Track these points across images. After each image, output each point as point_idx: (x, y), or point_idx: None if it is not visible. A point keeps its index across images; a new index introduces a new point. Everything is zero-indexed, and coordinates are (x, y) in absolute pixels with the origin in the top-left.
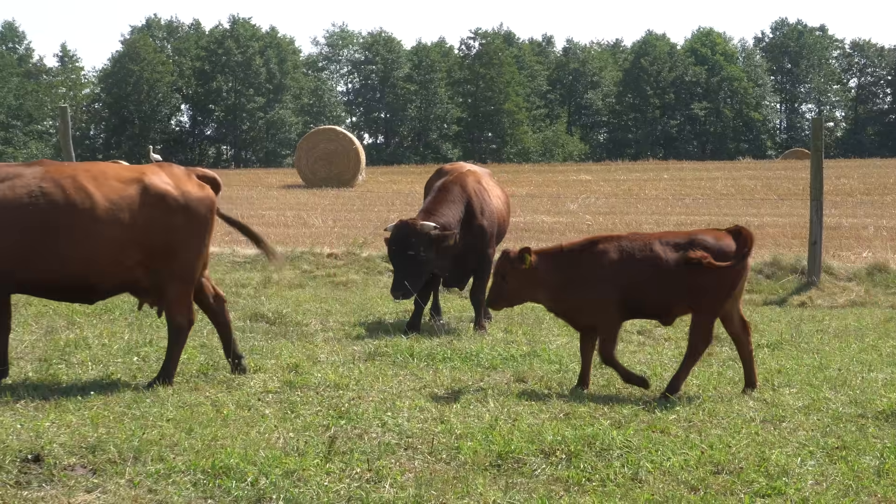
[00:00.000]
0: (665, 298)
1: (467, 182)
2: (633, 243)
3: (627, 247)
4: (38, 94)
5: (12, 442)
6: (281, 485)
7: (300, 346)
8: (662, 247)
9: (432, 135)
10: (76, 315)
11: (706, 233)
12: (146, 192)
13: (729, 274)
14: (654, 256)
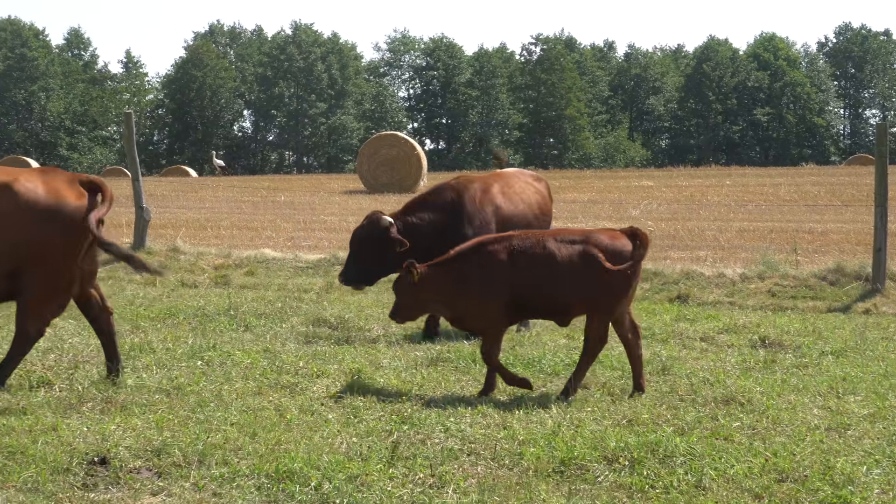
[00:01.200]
0: (561, 298)
1: (465, 190)
2: (525, 242)
3: (519, 246)
4: (103, 100)
5: (79, 444)
6: (344, 489)
7: (363, 351)
8: (556, 245)
9: (494, 140)
10: (141, 319)
11: (601, 232)
12: (14, 197)
13: (625, 274)
14: (547, 255)
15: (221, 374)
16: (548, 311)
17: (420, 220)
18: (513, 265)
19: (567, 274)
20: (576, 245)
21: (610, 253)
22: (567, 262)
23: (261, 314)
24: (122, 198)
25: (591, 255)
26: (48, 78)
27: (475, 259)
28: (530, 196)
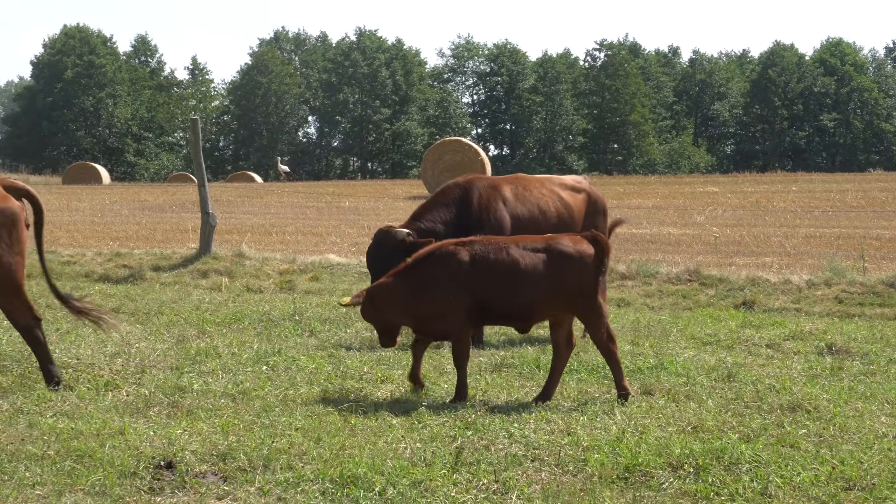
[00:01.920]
0: (522, 304)
1: (473, 186)
2: (486, 248)
3: (479, 251)
4: (170, 106)
5: (146, 448)
6: (408, 495)
7: (427, 356)
8: (518, 251)
9: (558, 146)
10: (207, 325)
11: (563, 237)
12: None
13: (592, 275)
14: (508, 261)
15: (286, 379)
16: (509, 317)
17: (432, 223)
18: (472, 270)
19: (529, 280)
20: (538, 251)
21: (572, 258)
22: (529, 268)
23: (325, 319)
24: (188, 203)
25: (553, 259)
26: (115, 84)
27: (432, 265)
28: (548, 203)
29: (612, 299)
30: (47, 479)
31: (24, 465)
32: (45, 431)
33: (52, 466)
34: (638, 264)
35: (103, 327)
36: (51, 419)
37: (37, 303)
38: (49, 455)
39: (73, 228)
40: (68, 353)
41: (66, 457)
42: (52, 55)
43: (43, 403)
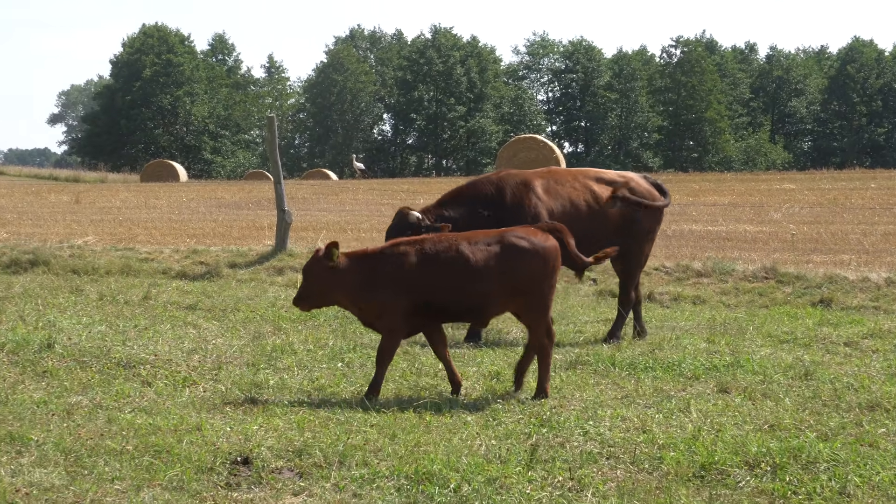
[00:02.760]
0: (475, 299)
1: (505, 182)
2: (438, 245)
3: (431, 249)
4: (246, 104)
5: (222, 444)
6: (483, 492)
7: (501, 353)
8: (469, 247)
9: (633, 143)
10: (282, 321)
11: (518, 230)
12: None
13: (546, 268)
14: (459, 258)
15: (362, 376)
16: (464, 314)
17: (456, 215)
18: (423, 268)
19: (481, 275)
20: (490, 246)
21: (525, 251)
22: (481, 264)
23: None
24: (263, 201)
25: (507, 254)
26: (193, 83)
27: (386, 260)
28: (579, 197)
29: (687, 297)
30: (126, 473)
31: (103, 459)
32: (124, 427)
33: (130, 461)
34: (714, 262)
35: None
36: (129, 415)
37: (115, 300)
38: (127, 450)
39: (151, 226)
40: (146, 350)
41: (145, 452)
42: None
43: (122, 399)
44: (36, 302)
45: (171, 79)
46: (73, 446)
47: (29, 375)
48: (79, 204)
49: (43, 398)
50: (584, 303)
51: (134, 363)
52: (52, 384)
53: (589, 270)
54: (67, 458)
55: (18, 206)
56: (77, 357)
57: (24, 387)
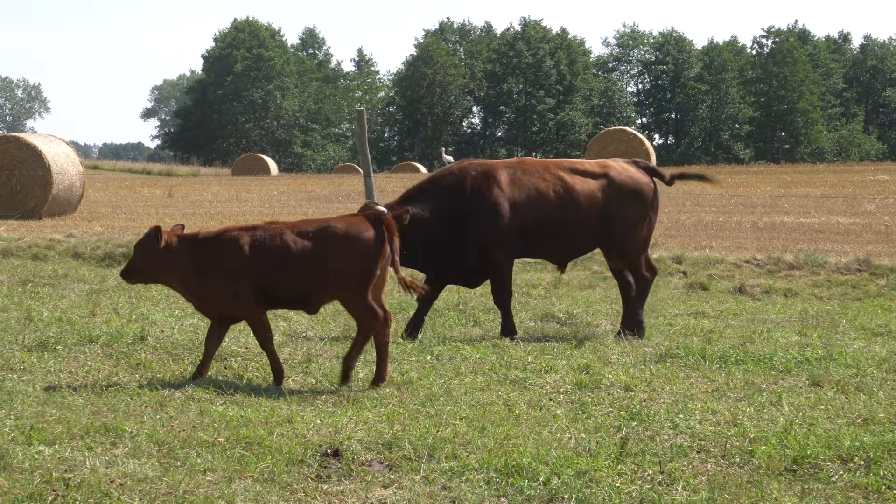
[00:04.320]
0: (301, 286)
1: (466, 173)
2: (265, 233)
3: (260, 236)
4: (336, 97)
5: (313, 437)
6: (573, 485)
7: (591, 346)
8: (293, 236)
9: (724, 135)
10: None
11: (340, 219)
12: None
13: (368, 256)
14: (285, 245)
15: (451, 369)
16: (292, 301)
17: (419, 209)
18: (252, 255)
19: (304, 263)
20: (312, 235)
21: (347, 239)
22: (303, 252)
23: (490, 309)
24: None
25: (326, 242)
26: (283, 77)
27: (218, 245)
28: (547, 188)
29: (779, 289)
30: (218, 465)
31: (195, 451)
32: (216, 419)
33: (222, 453)
34: (806, 254)
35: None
36: (221, 407)
37: None
38: (219, 442)
39: (242, 219)
40: (237, 343)
41: (236, 444)
42: (223, 49)
43: (214, 391)
44: (129, 295)
45: (262, 73)
46: (165, 438)
47: (123, 368)
48: (171, 198)
49: (136, 390)
50: (674, 295)
51: (226, 356)
52: (146, 376)
53: (678, 262)
54: (160, 450)
55: (112, 201)
56: (170, 349)
57: (118, 379)
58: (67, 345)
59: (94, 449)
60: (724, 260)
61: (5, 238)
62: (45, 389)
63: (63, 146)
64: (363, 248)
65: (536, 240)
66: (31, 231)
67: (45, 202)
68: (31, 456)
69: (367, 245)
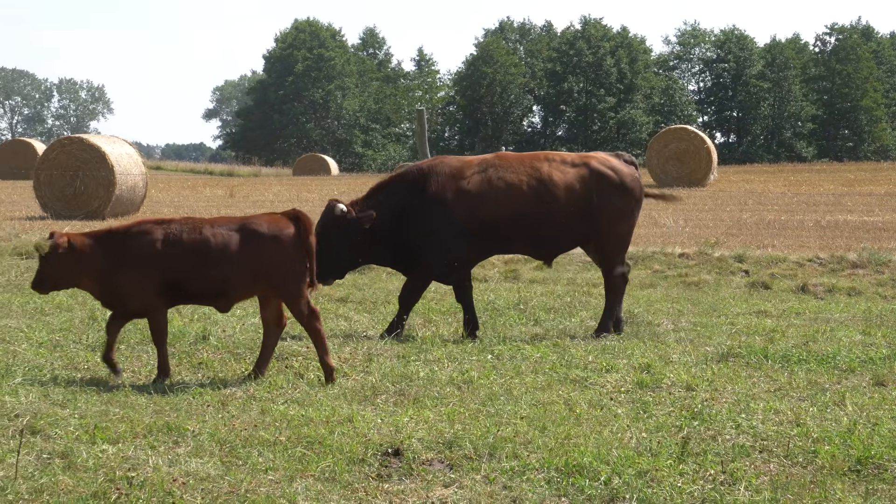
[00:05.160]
0: (216, 282)
1: (432, 170)
2: (180, 228)
3: (175, 231)
4: (396, 97)
5: (373, 436)
6: (634, 484)
7: (652, 345)
8: (211, 231)
9: (786, 133)
10: (432, 314)
11: (260, 217)
12: None
13: (285, 254)
14: (201, 241)
15: (511, 368)
16: (204, 296)
17: (379, 205)
18: (164, 250)
19: (222, 260)
20: (231, 231)
21: (263, 237)
22: (221, 248)
23: (550, 308)
24: None
25: (245, 239)
26: (344, 77)
27: (130, 238)
28: (521, 181)
29: (842, 288)
30: (279, 464)
31: (257, 450)
32: (277, 418)
33: (283, 452)
34: (869, 252)
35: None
36: (282, 406)
37: None
38: (280, 441)
39: None
40: (298, 342)
41: (297, 443)
42: (284, 49)
43: (275, 391)
44: None
45: (323, 73)
46: (227, 437)
47: (185, 367)
48: (233, 198)
49: (198, 389)
50: (736, 294)
51: (287, 355)
52: (208, 375)
53: (740, 261)
54: (222, 449)
55: (175, 201)
56: (231, 349)
57: (181, 378)
58: (130, 344)
59: (156, 448)
60: (787, 258)
61: None
62: (108, 389)
63: (126, 147)
64: (281, 246)
65: (510, 234)
66: None
67: (108, 202)
68: (95, 454)
69: (285, 243)
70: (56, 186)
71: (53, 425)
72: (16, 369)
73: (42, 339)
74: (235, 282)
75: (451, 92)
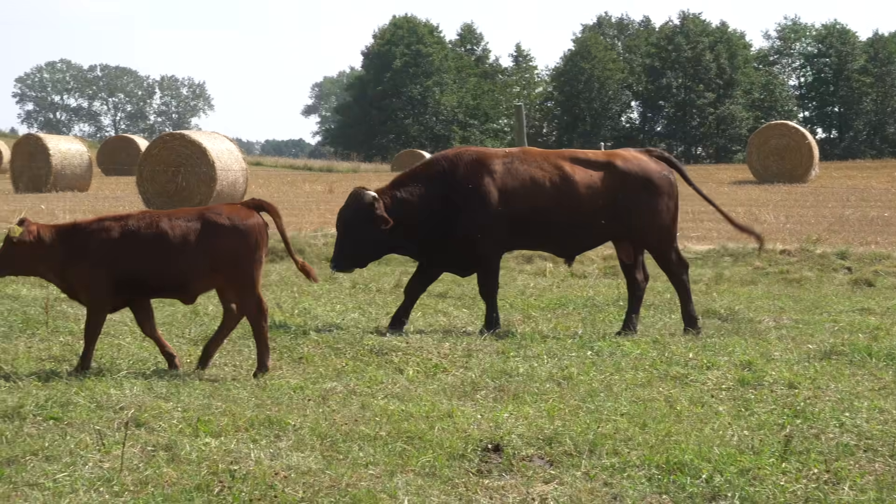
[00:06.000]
0: (176, 276)
1: (460, 160)
2: (139, 222)
3: (133, 225)
4: (494, 93)
5: (473, 431)
6: (736, 483)
7: (753, 343)
8: (169, 224)
9: (889, 129)
10: (531, 309)
11: (219, 208)
12: None
13: (248, 244)
14: (159, 234)
15: (611, 365)
16: (165, 289)
17: (409, 195)
18: (125, 243)
19: (181, 252)
20: (190, 223)
21: (224, 229)
22: (180, 241)
23: (650, 305)
24: None
25: (205, 231)
26: (442, 73)
27: (91, 233)
28: (543, 177)
29: None
30: (379, 459)
31: (357, 444)
32: (377, 413)
33: (383, 447)
34: None
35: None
36: (382, 401)
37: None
38: (381, 436)
39: None
40: (398, 337)
41: (397, 438)
42: (382, 45)
43: (375, 385)
44: (292, 290)
45: (421, 69)
46: (328, 431)
47: (286, 361)
48: (332, 193)
49: (299, 384)
50: (839, 291)
51: (386, 350)
52: (308, 370)
53: (842, 258)
54: (323, 443)
55: (275, 196)
56: (331, 344)
57: (282, 372)
58: (233, 338)
59: (258, 441)
60: (891, 255)
61: None
62: (210, 382)
63: (227, 143)
64: (241, 238)
65: (531, 230)
66: None
67: (209, 198)
68: (198, 447)
69: (245, 234)
70: (158, 182)
71: (157, 418)
72: (120, 362)
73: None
74: (195, 274)
75: (548, 87)
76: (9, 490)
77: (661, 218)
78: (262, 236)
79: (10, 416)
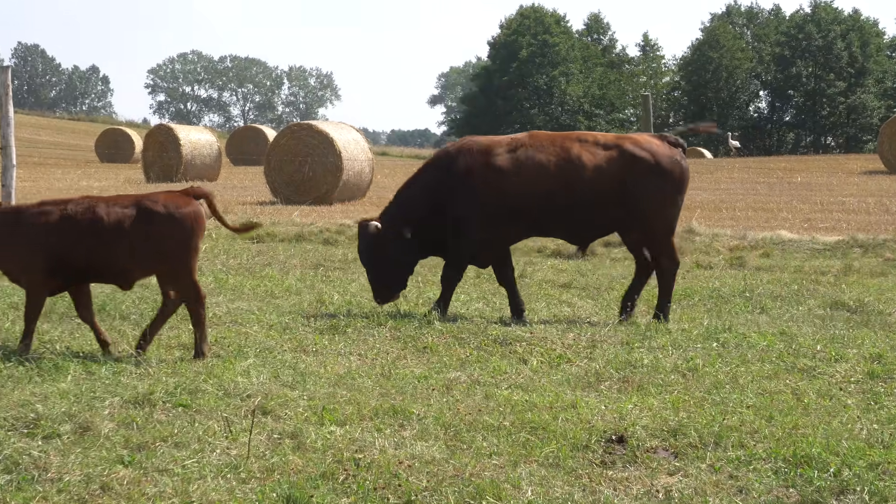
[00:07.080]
0: (114, 262)
1: (460, 152)
2: (77, 207)
3: (71, 211)
4: (620, 83)
5: (597, 422)
6: (865, 477)
7: (883, 335)
8: (106, 209)
9: None
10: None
11: (156, 195)
12: None
13: (183, 231)
14: (95, 220)
15: (737, 356)
16: (104, 275)
17: (412, 195)
18: (61, 229)
19: (117, 238)
20: (126, 209)
21: (159, 216)
22: (116, 227)
23: (776, 296)
24: None
25: (140, 218)
26: (568, 63)
27: (27, 218)
28: (549, 160)
29: None
30: (503, 449)
31: (481, 434)
32: (501, 403)
33: (507, 437)
34: None
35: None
36: (506, 391)
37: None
38: (504, 426)
39: None
40: (521, 327)
41: (521, 428)
42: (508, 35)
43: (498, 375)
44: (416, 280)
45: (547, 59)
46: (452, 421)
47: (410, 351)
48: None
49: (423, 373)
50: None
51: (510, 340)
52: (432, 360)
53: None
54: (447, 433)
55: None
56: (455, 333)
57: (406, 362)
58: (357, 328)
59: (383, 430)
60: None
61: (298, 223)
62: (336, 371)
63: (353, 133)
64: (178, 225)
65: (539, 216)
66: (323, 216)
67: (335, 188)
68: (323, 436)
69: (182, 221)
70: (285, 172)
71: (283, 406)
72: (247, 351)
73: (272, 322)
74: (130, 260)
75: (676, 77)
76: (139, 475)
77: (667, 205)
78: (199, 224)
79: (140, 403)
